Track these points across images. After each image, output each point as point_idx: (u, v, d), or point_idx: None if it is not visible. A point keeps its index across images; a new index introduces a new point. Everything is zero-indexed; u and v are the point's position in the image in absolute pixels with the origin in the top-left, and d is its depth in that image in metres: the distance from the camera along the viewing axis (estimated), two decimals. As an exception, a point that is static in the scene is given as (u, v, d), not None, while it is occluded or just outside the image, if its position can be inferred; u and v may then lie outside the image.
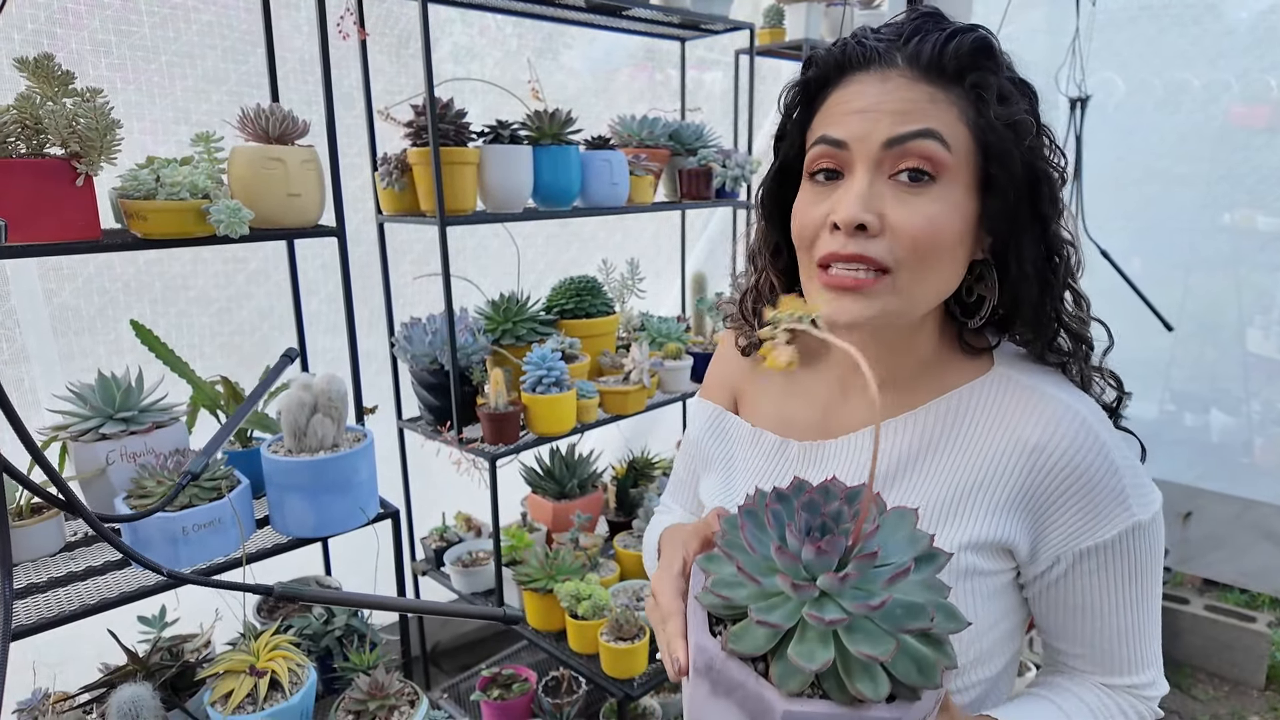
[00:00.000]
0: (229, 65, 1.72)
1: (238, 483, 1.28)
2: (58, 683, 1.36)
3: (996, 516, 0.68)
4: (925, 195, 0.63)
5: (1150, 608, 0.71)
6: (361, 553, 1.62)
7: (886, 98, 0.64)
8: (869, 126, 0.63)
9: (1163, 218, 2.63)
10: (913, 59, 0.64)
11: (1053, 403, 0.68)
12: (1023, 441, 0.67)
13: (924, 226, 0.62)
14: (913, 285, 0.64)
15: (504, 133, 1.66)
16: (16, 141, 1.11)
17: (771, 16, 2.30)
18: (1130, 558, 0.68)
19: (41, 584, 1.17)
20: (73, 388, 1.30)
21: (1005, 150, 0.63)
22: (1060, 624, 0.72)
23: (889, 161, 0.63)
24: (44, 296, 1.58)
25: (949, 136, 0.63)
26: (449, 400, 1.71)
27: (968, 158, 0.64)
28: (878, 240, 0.63)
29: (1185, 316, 2.52)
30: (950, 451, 0.70)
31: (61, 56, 1.15)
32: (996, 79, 0.64)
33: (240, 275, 1.83)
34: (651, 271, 2.42)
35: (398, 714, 1.31)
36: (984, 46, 0.64)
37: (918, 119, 0.62)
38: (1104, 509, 0.66)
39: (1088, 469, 0.66)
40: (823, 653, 0.46)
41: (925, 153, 0.62)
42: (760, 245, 0.81)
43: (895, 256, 0.63)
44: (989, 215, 0.66)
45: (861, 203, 0.63)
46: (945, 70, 0.64)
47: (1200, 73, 2.54)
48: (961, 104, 0.64)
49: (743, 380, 0.88)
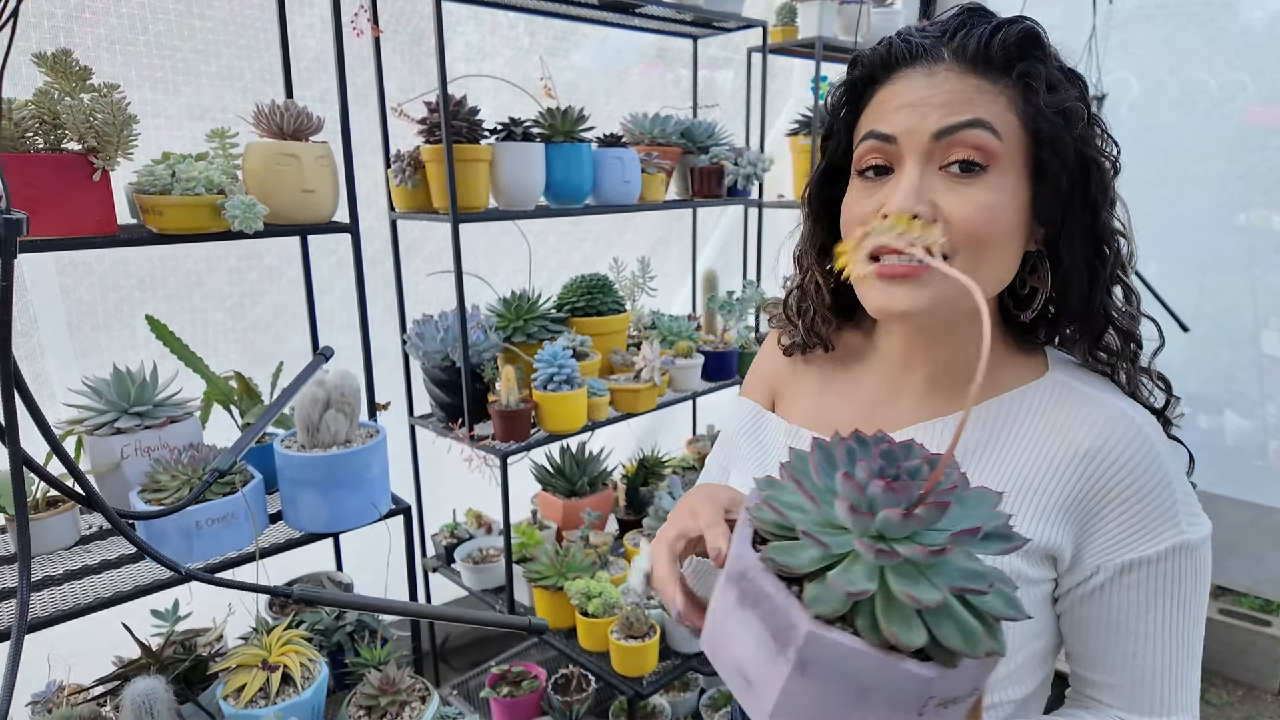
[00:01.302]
0: (244, 62, 1.73)
1: (251, 478, 1.29)
2: (72, 675, 1.38)
3: (1045, 521, 0.66)
4: (978, 184, 0.62)
5: (1190, 644, 0.67)
6: (373, 548, 1.62)
7: (934, 91, 0.63)
8: (917, 120, 0.63)
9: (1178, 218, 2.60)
10: (959, 52, 0.64)
11: (1109, 409, 0.67)
12: (1076, 445, 0.66)
13: (978, 215, 0.62)
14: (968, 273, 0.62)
15: (516, 130, 1.66)
16: (35, 136, 1.11)
17: (784, 14, 2.29)
18: (1174, 580, 0.65)
19: (57, 577, 1.18)
20: (88, 382, 1.31)
21: (1056, 137, 0.63)
22: (1091, 645, 0.68)
23: (939, 153, 0.63)
24: (60, 292, 1.59)
25: (999, 125, 0.62)
26: (460, 397, 1.71)
27: (1019, 146, 0.63)
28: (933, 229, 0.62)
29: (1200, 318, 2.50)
30: (1001, 453, 0.69)
31: (79, 53, 1.16)
32: (1044, 68, 0.63)
33: (254, 271, 1.84)
34: (662, 270, 2.42)
35: (409, 710, 1.32)
36: (1031, 36, 0.63)
37: (966, 109, 0.62)
38: (1152, 522, 0.64)
39: (1140, 476, 0.64)
40: (865, 582, 0.44)
41: (976, 142, 0.62)
42: (807, 245, 0.80)
43: (950, 246, 0.63)
44: (1041, 204, 0.65)
45: (914, 194, 0.62)
46: (992, 62, 0.63)
47: (1217, 72, 2.52)
48: (1010, 94, 0.63)
49: (782, 379, 0.87)
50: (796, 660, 0.44)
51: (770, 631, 0.46)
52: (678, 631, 1.71)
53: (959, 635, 0.44)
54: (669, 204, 2.02)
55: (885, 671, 0.43)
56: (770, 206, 2.38)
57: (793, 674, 0.45)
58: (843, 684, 0.44)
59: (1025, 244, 0.67)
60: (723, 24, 2.11)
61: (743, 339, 2.16)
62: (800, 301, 0.83)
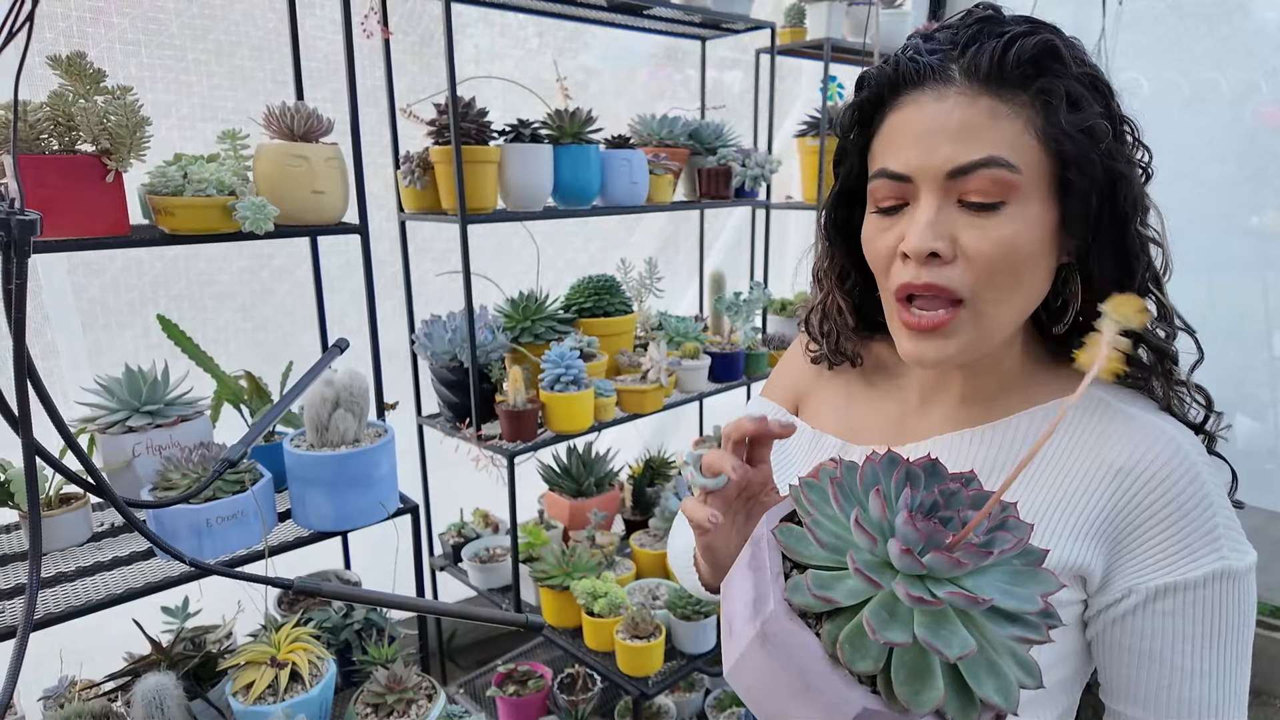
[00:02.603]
0: (255, 63, 1.74)
1: (260, 476, 1.30)
2: (83, 671, 1.39)
3: (1075, 540, 0.63)
4: (997, 217, 0.60)
5: (1232, 683, 0.62)
6: (380, 547, 1.63)
7: (945, 119, 0.60)
8: (928, 155, 0.61)
9: (1188, 220, 2.59)
10: (970, 71, 0.60)
11: (1147, 426, 0.64)
12: (1109, 463, 0.63)
13: (997, 250, 0.60)
14: (994, 311, 0.62)
15: (525, 132, 1.67)
16: (49, 138, 1.13)
17: (793, 16, 2.29)
18: (1215, 610, 0.60)
19: (70, 573, 1.19)
20: (101, 381, 1.33)
21: (1081, 156, 0.60)
22: (1122, 674, 0.64)
23: (955, 189, 0.61)
24: (72, 291, 1.61)
25: (1015, 156, 0.59)
26: (468, 397, 1.72)
27: (1041, 168, 0.60)
28: (951, 267, 0.61)
29: (1211, 320, 2.49)
30: (1032, 468, 0.66)
31: (92, 54, 1.17)
32: (1064, 83, 0.60)
33: (264, 271, 1.85)
34: (670, 271, 2.42)
35: (415, 708, 1.33)
36: (1047, 49, 0.60)
37: (980, 145, 0.59)
38: (1190, 544, 0.60)
39: (1177, 496, 0.61)
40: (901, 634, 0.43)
41: (992, 179, 0.59)
42: (825, 267, 0.78)
43: (969, 284, 0.61)
44: (1069, 219, 0.62)
45: (932, 231, 0.60)
46: (1007, 79, 0.60)
47: (1228, 73, 2.50)
48: (1028, 113, 0.60)
49: (808, 385, 0.86)
50: (760, 630, 0.46)
51: (755, 596, 0.48)
52: (683, 632, 1.71)
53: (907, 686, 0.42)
54: (676, 205, 2.03)
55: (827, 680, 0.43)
56: (778, 208, 2.38)
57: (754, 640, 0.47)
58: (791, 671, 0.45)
59: (1056, 259, 0.65)
60: (731, 25, 2.11)
61: (749, 340, 2.16)
62: (823, 321, 0.81)
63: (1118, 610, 0.63)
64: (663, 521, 1.99)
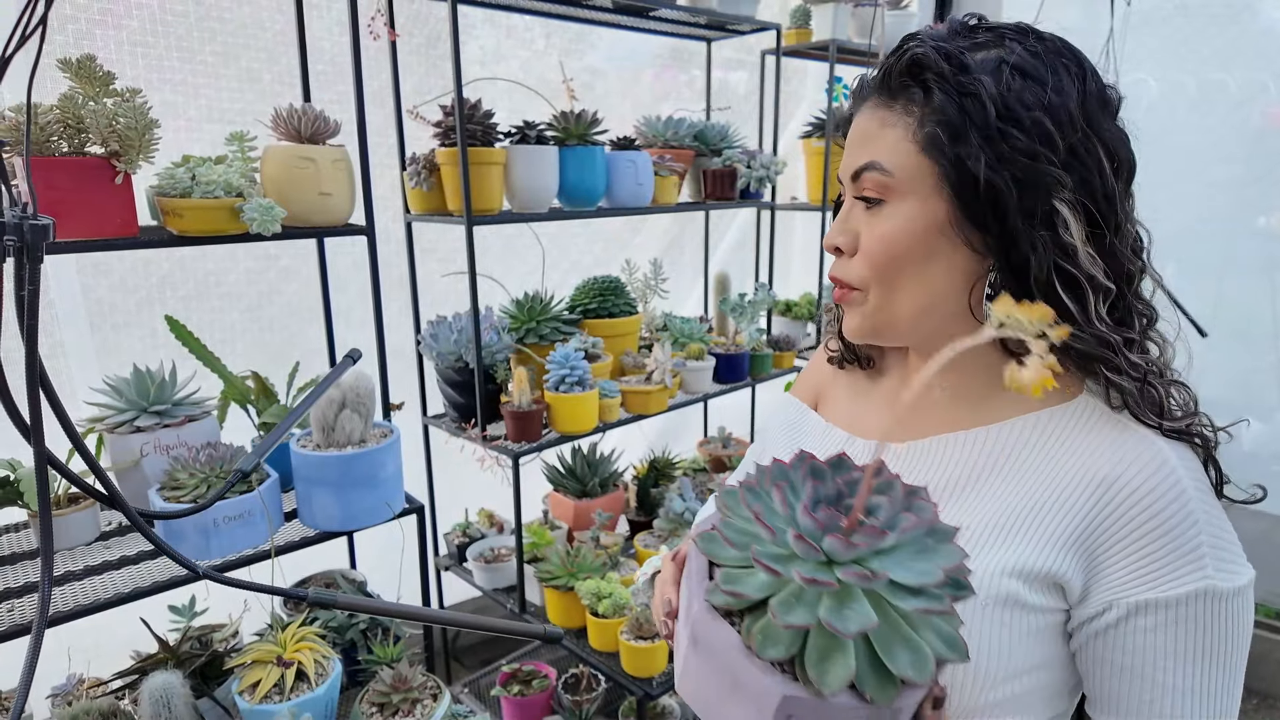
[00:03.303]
0: (262, 65, 1.75)
1: (267, 476, 1.30)
2: (91, 669, 1.40)
3: (1050, 547, 0.63)
4: (880, 214, 0.68)
5: (1219, 701, 0.61)
6: (386, 547, 1.64)
7: (857, 130, 0.70)
8: (845, 162, 0.71)
9: (1196, 221, 2.58)
10: (875, 88, 0.69)
11: (1137, 438, 0.63)
12: (1093, 472, 0.63)
13: (875, 244, 0.68)
14: (886, 297, 0.69)
15: (530, 133, 1.67)
16: (59, 140, 1.13)
17: (798, 17, 2.29)
18: (1199, 629, 0.60)
19: (78, 572, 1.20)
20: (109, 381, 1.34)
21: (947, 153, 0.63)
22: (1105, 687, 0.64)
23: (858, 189, 0.70)
24: (81, 291, 1.62)
25: (890, 159, 0.66)
26: (473, 398, 1.72)
27: (917, 170, 0.65)
28: (852, 261, 0.70)
29: (1218, 322, 2.48)
30: (1015, 474, 0.67)
31: (100, 56, 1.18)
32: (936, 88, 0.63)
33: (271, 272, 1.86)
34: (674, 272, 2.42)
35: (420, 707, 1.33)
36: (915, 63, 0.64)
37: (865, 150, 0.68)
38: (1171, 561, 0.60)
39: (1159, 512, 0.60)
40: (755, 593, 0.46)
41: (871, 182, 0.67)
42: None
43: (861, 275, 0.70)
44: (963, 218, 0.64)
45: (836, 228, 0.72)
46: (892, 91, 0.67)
47: (1236, 73, 2.49)
48: (907, 119, 0.65)
49: (827, 383, 0.92)
50: (690, 634, 0.48)
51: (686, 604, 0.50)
52: (687, 633, 1.71)
53: (817, 666, 0.43)
54: (682, 206, 2.03)
55: (748, 672, 0.45)
56: (783, 209, 2.38)
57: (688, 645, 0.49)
58: (719, 670, 0.46)
59: (971, 260, 0.66)
60: (736, 27, 2.11)
61: (754, 341, 2.17)
62: (834, 322, 0.88)
63: (1099, 624, 0.63)
64: (667, 523, 1.99)
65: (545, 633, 1.07)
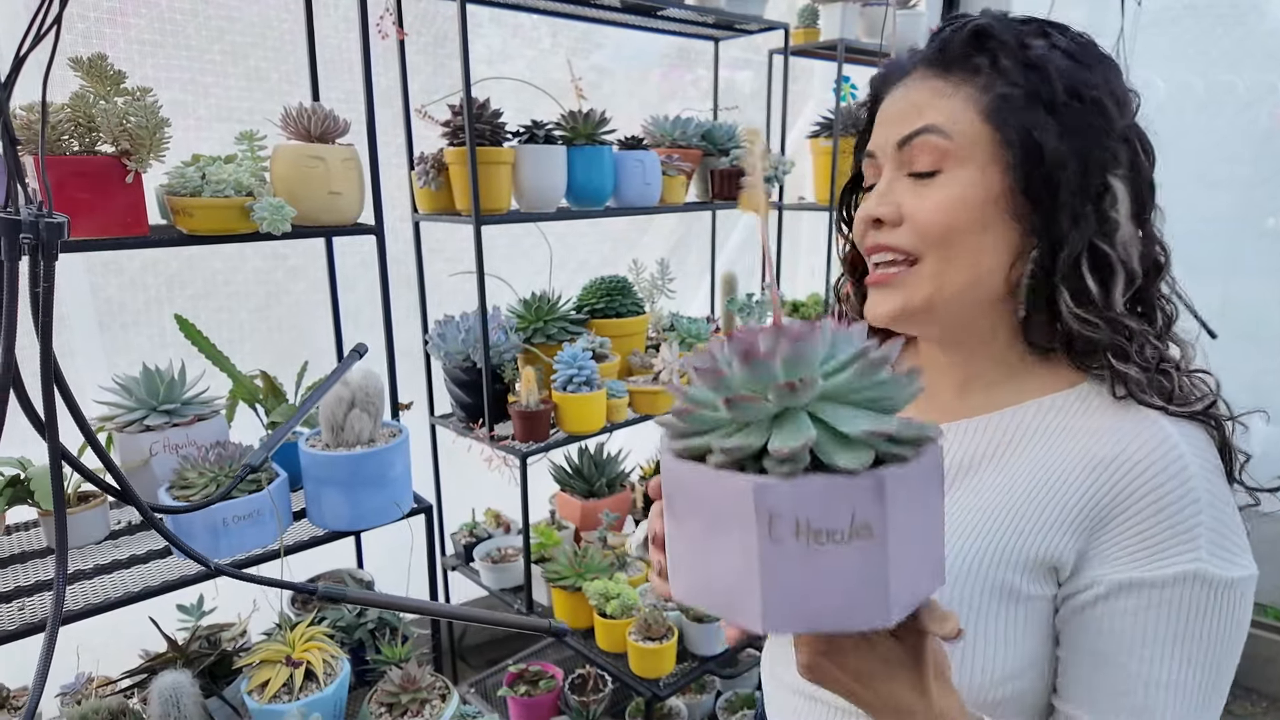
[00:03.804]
0: (271, 64, 1.75)
1: (276, 476, 1.30)
2: (100, 667, 1.40)
3: (1050, 532, 0.62)
4: (933, 184, 0.66)
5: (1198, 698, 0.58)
6: (393, 547, 1.64)
7: (902, 102, 0.68)
8: (885, 134, 0.69)
9: (1204, 222, 2.57)
10: (926, 61, 0.68)
11: (1139, 417, 0.62)
12: (1093, 454, 0.62)
13: (932, 211, 0.65)
14: (941, 268, 0.66)
15: (539, 133, 1.67)
16: (70, 139, 1.13)
17: (806, 16, 2.29)
18: (1183, 616, 0.57)
19: (88, 571, 1.20)
20: (119, 380, 1.34)
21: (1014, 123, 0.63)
22: (1077, 675, 0.61)
23: (904, 161, 0.68)
24: (90, 291, 1.62)
25: (949, 125, 0.65)
26: (481, 397, 1.72)
27: (977, 137, 0.64)
28: (897, 231, 0.67)
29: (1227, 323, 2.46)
30: (1015, 461, 0.66)
31: (111, 55, 1.18)
32: (1002, 57, 0.64)
33: (279, 271, 1.86)
34: (681, 272, 2.42)
35: (429, 707, 1.33)
36: (980, 31, 0.65)
37: (919, 117, 0.66)
38: (1165, 539, 0.57)
39: (1158, 487, 0.58)
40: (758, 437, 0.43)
41: (927, 147, 0.65)
42: (843, 256, 0.84)
43: (914, 243, 0.66)
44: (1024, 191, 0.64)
45: (877, 198, 0.68)
46: (949, 61, 0.66)
47: (1245, 74, 2.48)
48: (968, 89, 0.65)
49: None
50: (667, 502, 0.46)
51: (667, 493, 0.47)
52: (695, 634, 1.71)
53: (780, 439, 0.42)
54: (689, 206, 2.03)
55: (717, 491, 0.43)
56: (790, 209, 2.38)
57: (668, 517, 0.47)
58: (697, 513, 0.44)
59: (1017, 232, 0.65)
60: (744, 26, 2.11)
61: (762, 341, 2.16)
62: (838, 308, 0.87)
63: (1080, 600, 0.61)
64: (674, 523, 1.99)
65: (551, 627, 1.07)
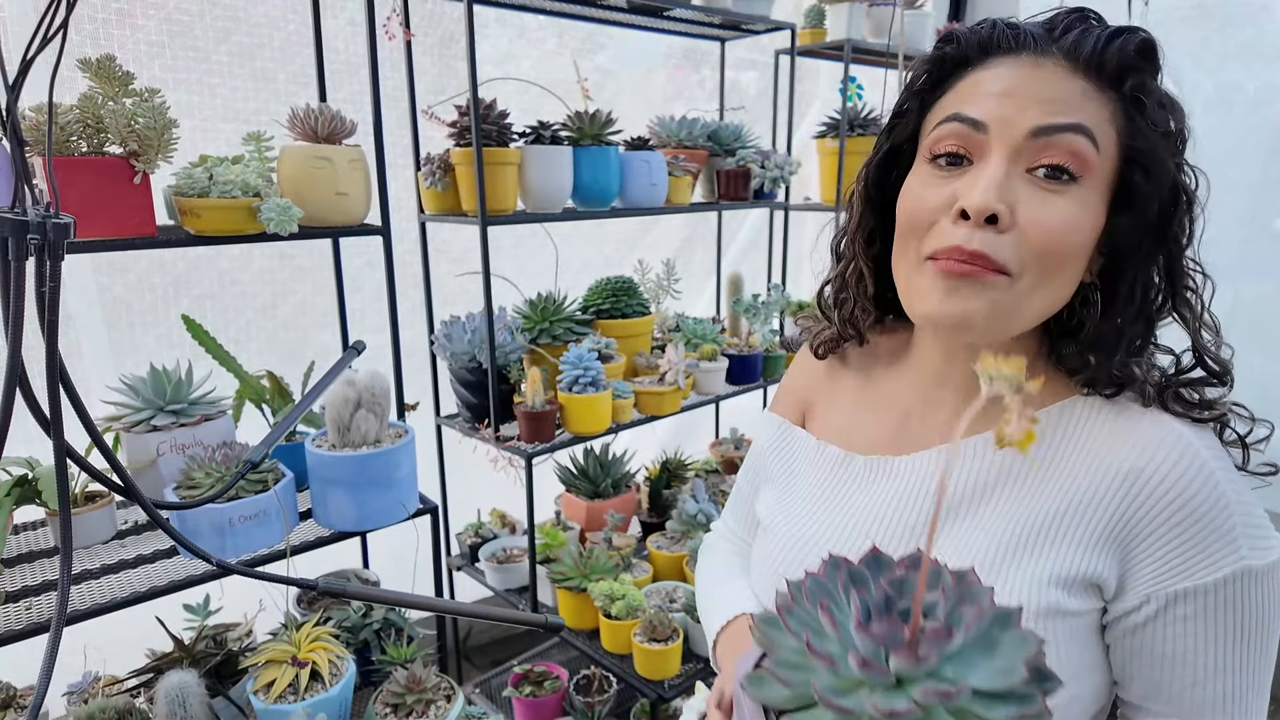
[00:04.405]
0: (278, 65, 1.75)
1: (283, 476, 1.31)
2: (107, 667, 1.40)
3: (1085, 550, 0.61)
4: (1065, 195, 0.58)
5: (1257, 674, 0.60)
6: (399, 547, 1.64)
7: (1038, 84, 0.59)
8: (1015, 111, 0.58)
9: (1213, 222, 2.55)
10: (1071, 51, 0.59)
11: (1156, 424, 0.61)
12: (1119, 467, 0.60)
13: (1058, 228, 0.57)
14: (1033, 291, 0.59)
15: (545, 133, 1.67)
16: (79, 140, 1.14)
17: (813, 17, 2.28)
18: (1237, 610, 0.58)
19: (95, 570, 1.20)
20: (125, 380, 1.34)
21: (1155, 159, 0.59)
22: (1146, 676, 0.62)
23: (1030, 153, 0.58)
24: (97, 290, 1.62)
25: (1100, 136, 0.58)
26: (487, 398, 1.72)
27: (1111, 165, 0.59)
28: (1004, 238, 0.58)
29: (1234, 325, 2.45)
30: (1036, 476, 0.64)
31: (119, 56, 1.18)
32: (1158, 85, 0.60)
33: (286, 271, 1.86)
34: (687, 272, 2.42)
35: (434, 708, 1.33)
36: (1149, 47, 0.60)
37: (1071, 112, 0.57)
38: (1206, 547, 0.58)
39: (1190, 499, 0.58)
40: None
41: (1074, 148, 0.57)
42: (855, 231, 0.75)
43: (1021, 259, 0.58)
44: (1118, 231, 0.61)
45: (997, 190, 0.57)
46: (1105, 69, 0.59)
47: (1255, 74, 2.47)
48: (1114, 107, 0.59)
49: (814, 391, 0.84)
50: None
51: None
52: (701, 635, 1.71)
53: None
54: (695, 207, 2.02)
55: None
56: (796, 209, 2.37)
57: None
58: None
59: (1082, 273, 0.63)
60: (750, 27, 2.11)
61: (767, 342, 2.16)
62: (839, 292, 0.80)
63: (1138, 618, 0.61)
64: (679, 524, 1.98)
65: (547, 622, 1.07)
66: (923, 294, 0.62)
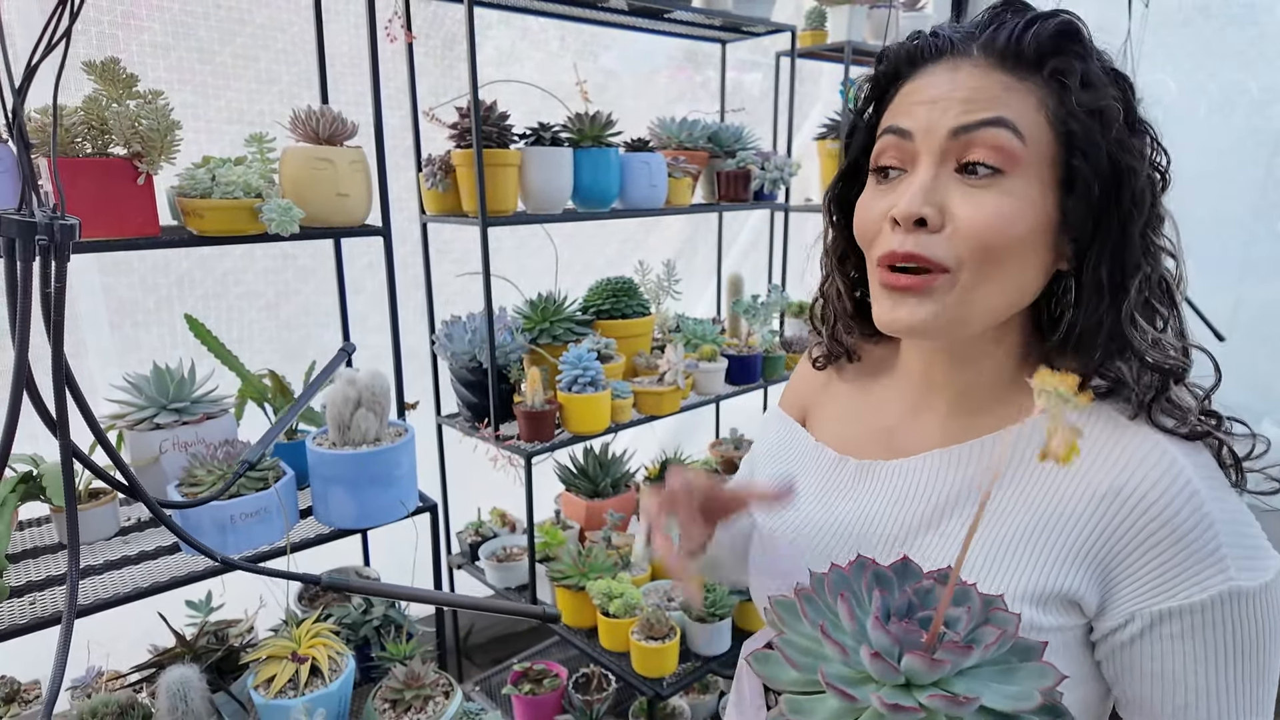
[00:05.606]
0: (280, 67, 1.77)
1: (283, 474, 1.32)
2: (110, 662, 1.42)
3: (1060, 565, 0.60)
4: (993, 189, 0.59)
5: (1254, 699, 0.59)
6: (399, 545, 1.65)
7: (956, 87, 0.60)
8: (936, 116, 0.60)
9: (1215, 223, 2.55)
10: (987, 47, 0.60)
11: (1142, 440, 0.60)
12: (1099, 484, 0.59)
13: (988, 221, 0.58)
14: (976, 287, 0.60)
15: (545, 135, 1.68)
16: (83, 142, 1.15)
17: (814, 19, 2.29)
18: (1229, 631, 0.57)
19: (98, 566, 1.22)
20: (129, 379, 1.35)
21: (1088, 139, 0.58)
22: (1138, 693, 0.61)
23: (954, 153, 0.60)
24: (102, 290, 1.64)
25: (1023, 126, 0.58)
26: (487, 397, 1.73)
27: (1046, 151, 0.59)
28: (937, 237, 0.59)
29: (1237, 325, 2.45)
30: (1016, 487, 0.63)
31: (122, 59, 1.19)
32: (1082, 64, 0.59)
33: (288, 271, 1.88)
34: (688, 273, 2.42)
35: (433, 704, 1.34)
36: (1067, 30, 0.59)
37: (988, 107, 0.58)
38: (1189, 567, 0.57)
39: (1171, 519, 0.57)
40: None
41: (994, 142, 0.58)
42: (829, 249, 0.77)
43: (956, 255, 0.59)
44: (1071, 217, 0.60)
45: (922, 195, 0.59)
46: (1023, 57, 0.59)
47: (1258, 74, 2.46)
48: (1041, 93, 0.59)
49: (813, 394, 0.86)
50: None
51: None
52: (698, 634, 1.71)
53: None
54: (695, 208, 2.03)
55: None
56: (797, 210, 2.38)
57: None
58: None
59: (1053, 262, 0.63)
60: (752, 29, 2.11)
61: (767, 343, 2.16)
62: (824, 308, 0.82)
63: (1123, 636, 0.60)
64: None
65: (544, 612, 1.08)
66: (878, 303, 0.64)
